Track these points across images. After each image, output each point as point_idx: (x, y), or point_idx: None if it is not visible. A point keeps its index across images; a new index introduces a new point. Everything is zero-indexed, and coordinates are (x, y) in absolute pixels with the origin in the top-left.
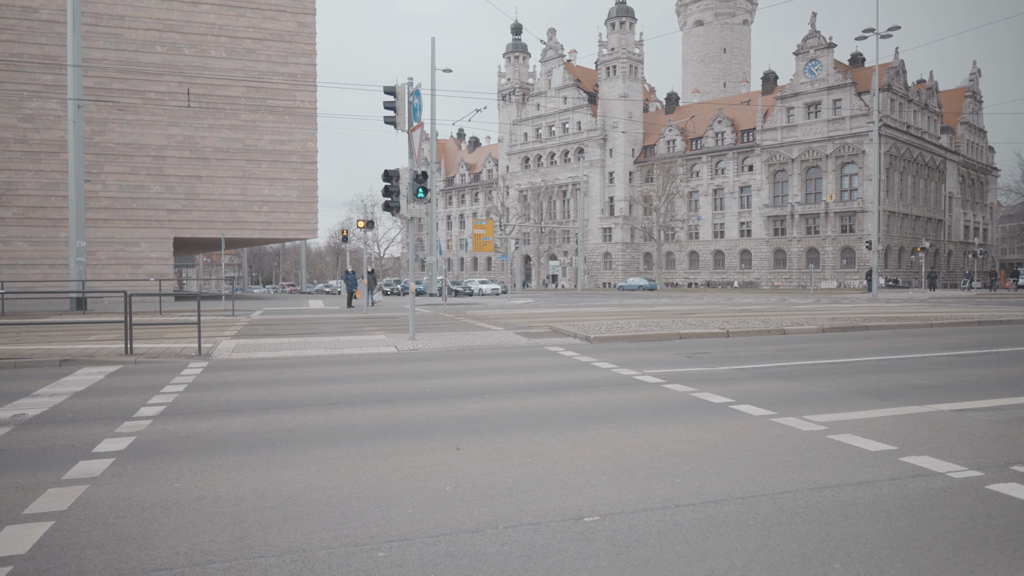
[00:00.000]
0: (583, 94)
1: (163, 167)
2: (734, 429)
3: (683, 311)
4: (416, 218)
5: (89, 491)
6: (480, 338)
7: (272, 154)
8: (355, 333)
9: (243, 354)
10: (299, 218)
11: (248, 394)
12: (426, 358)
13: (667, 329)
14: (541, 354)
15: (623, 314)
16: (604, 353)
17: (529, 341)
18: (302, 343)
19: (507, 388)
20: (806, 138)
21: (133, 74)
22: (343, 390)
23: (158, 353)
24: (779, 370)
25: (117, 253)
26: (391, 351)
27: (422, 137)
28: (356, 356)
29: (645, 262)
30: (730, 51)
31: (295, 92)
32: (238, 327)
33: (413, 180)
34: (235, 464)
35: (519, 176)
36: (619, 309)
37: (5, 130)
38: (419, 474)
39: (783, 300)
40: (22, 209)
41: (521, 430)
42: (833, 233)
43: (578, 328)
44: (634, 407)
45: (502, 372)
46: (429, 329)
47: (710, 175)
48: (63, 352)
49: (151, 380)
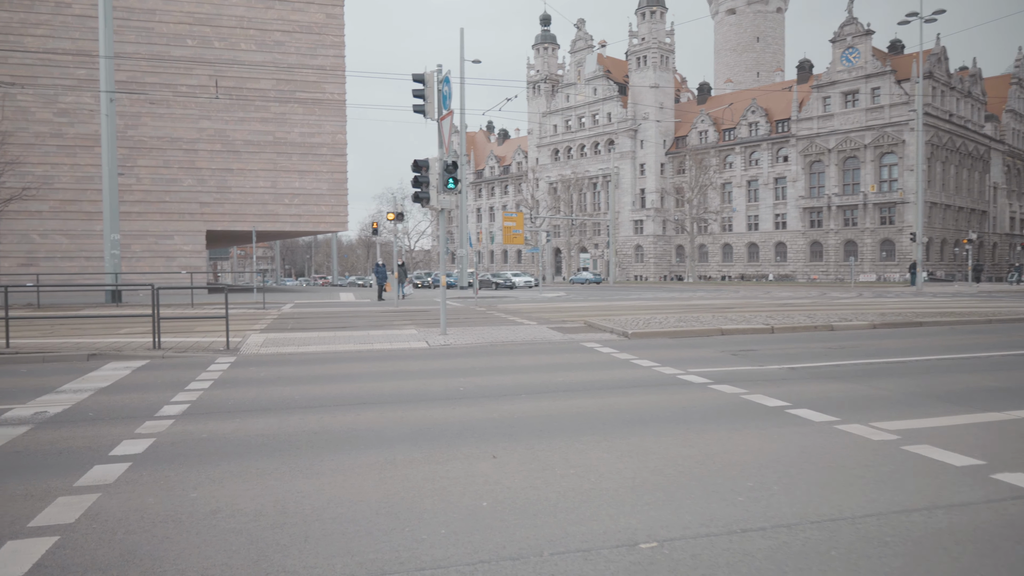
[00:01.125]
0: (613, 85)
1: (195, 160)
2: (795, 437)
3: (721, 305)
4: (446, 209)
5: (100, 501)
6: (513, 333)
7: (302, 147)
8: (385, 327)
9: (271, 349)
10: (329, 211)
11: (274, 392)
12: (458, 354)
13: (708, 325)
14: (577, 351)
15: (659, 308)
16: (644, 350)
17: (564, 337)
18: (331, 338)
19: (544, 388)
20: (843, 128)
21: (164, 68)
22: (372, 388)
23: (186, 348)
24: (833, 370)
25: (151, 246)
26: (422, 347)
27: (452, 125)
28: (386, 352)
29: (677, 255)
30: (763, 40)
31: (324, 84)
32: (268, 320)
33: (443, 170)
34: (256, 471)
35: (549, 168)
36: (654, 303)
37: (41, 124)
38: (452, 487)
39: (823, 294)
40: (58, 203)
41: (561, 436)
42: (872, 225)
43: (614, 323)
44: (681, 410)
45: (538, 370)
46: (460, 323)
47: (744, 166)
48: (92, 346)
49: (177, 376)
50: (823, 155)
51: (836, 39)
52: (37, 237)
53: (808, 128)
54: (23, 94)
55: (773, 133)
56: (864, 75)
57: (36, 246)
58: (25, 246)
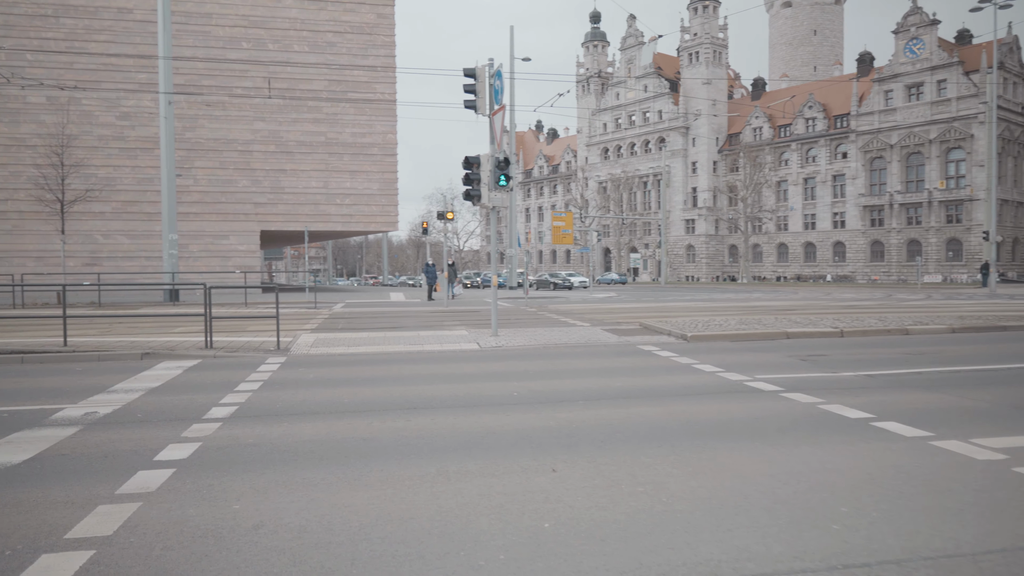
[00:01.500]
0: (664, 82)
1: (249, 161)
2: (886, 455)
3: (782, 307)
4: (497, 207)
5: (141, 511)
6: (566, 335)
7: (353, 147)
8: (436, 328)
9: (321, 349)
10: (380, 210)
11: (323, 395)
12: (511, 356)
13: (772, 327)
14: (635, 354)
15: (717, 310)
16: (705, 354)
17: (620, 339)
18: (382, 338)
19: (602, 393)
20: (906, 122)
21: (220, 70)
22: (423, 392)
23: (237, 347)
24: (916, 378)
25: (208, 246)
26: (473, 348)
27: (503, 121)
28: (437, 353)
29: (730, 255)
30: (821, 33)
31: (375, 84)
32: (319, 320)
33: (495, 167)
34: (302, 481)
35: (598, 167)
36: (710, 304)
37: (104, 128)
38: (510, 504)
39: (889, 295)
40: (120, 204)
41: (625, 447)
42: (937, 223)
43: (672, 325)
44: (754, 421)
45: (595, 374)
46: (511, 324)
47: (800, 163)
48: (146, 345)
49: (227, 376)
50: (885, 151)
51: (899, 30)
52: (100, 237)
53: (869, 123)
54: (87, 98)
55: (831, 129)
56: (929, 67)
57: (99, 246)
58: (89, 246)
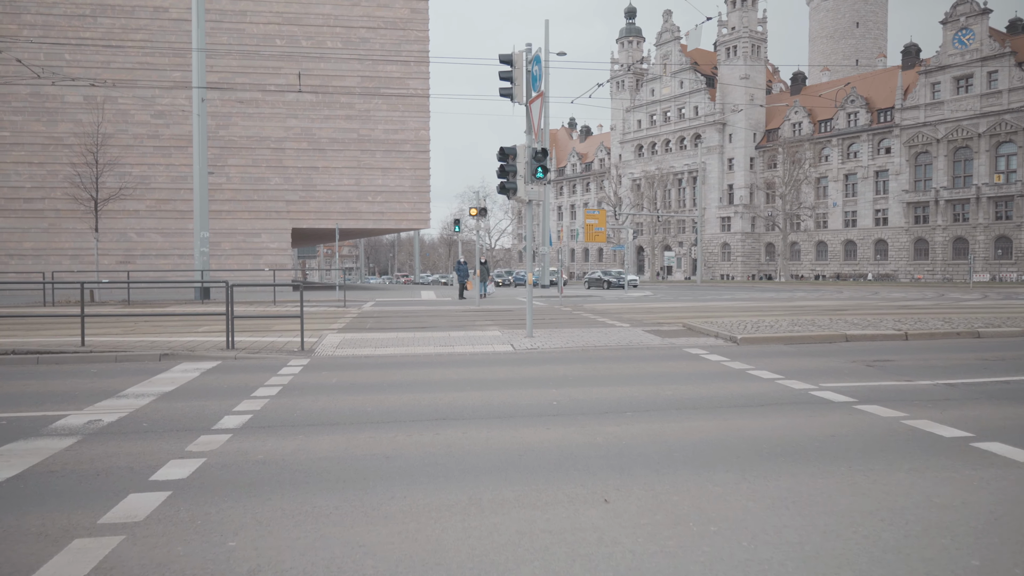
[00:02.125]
0: (700, 77)
1: (282, 159)
2: (1007, 486)
3: (831, 307)
4: (534, 201)
5: (121, 548)
6: (605, 336)
7: (385, 143)
8: (467, 328)
9: (347, 350)
10: (412, 208)
11: (345, 402)
12: (547, 360)
13: (828, 329)
14: (682, 358)
15: (762, 310)
16: (758, 358)
17: (663, 341)
18: (411, 339)
19: (651, 403)
20: (954, 115)
21: (254, 68)
22: (453, 400)
23: (260, 348)
24: (1004, 388)
25: (240, 244)
26: (507, 350)
27: (541, 110)
28: (468, 356)
29: (767, 253)
30: (863, 25)
31: (408, 80)
32: (347, 319)
33: (531, 158)
34: (312, 511)
35: (632, 165)
36: (753, 304)
37: (139, 126)
38: (557, 546)
39: (942, 295)
40: (154, 202)
41: (685, 471)
42: (985, 221)
43: (718, 326)
44: (831, 439)
45: (640, 381)
46: (546, 325)
47: (841, 159)
48: (166, 345)
49: (245, 380)
50: (930, 146)
51: (947, 20)
52: (134, 235)
53: (914, 117)
54: (123, 97)
55: (874, 123)
56: (979, 58)
57: (133, 244)
58: (123, 244)
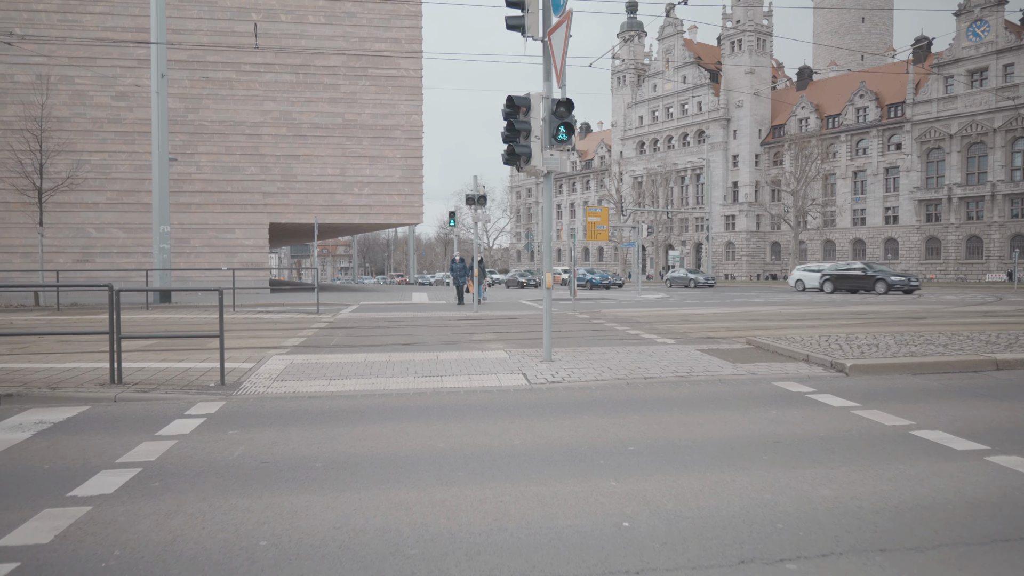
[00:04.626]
0: (704, 72)
1: (258, 146)
2: None
3: (896, 313)
4: (554, 172)
5: None
6: (652, 359)
7: (373, 129)
8: (462, 345)
9: (287, 385)
10: (403, 201)
11: (239, 509)
12: (581, 404)
13: (962, 350)
14: (782, 400)
15: (819, 317)
16: (895, 401)
17: (736, 369)
18: (383, 364)
19: (803, 520)
20: (968, 110)
21: (227, 45)
22: (431, 507)
23: (161, 381)
24: None
25: (211, 240)
26: (518, 384)
27: (567, 41)
28: (462, 395)
29: (772, 252)
30: (869, 20)
31: (398, 60)
32: (311, 332)
33: (552, 112)
34: None
35: (633, 162)
36: (796, 309)
37: (99, 109)
38: None
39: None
40: (116, 194)
41: None
42: (1001, 218)
43: (803, 345)
44: None
45: (751, 454)
46: (565, 340)
47: (849, 155)
48: (21, 378)
49: (94, 449)
50: (943, 141)
51: (961, 11)
52: (93, 231)
53: (926, 112)
54: (81, 77)
55: (884, 119)
56: (994, 50)
57: (92, 240)
58: (81, 240)
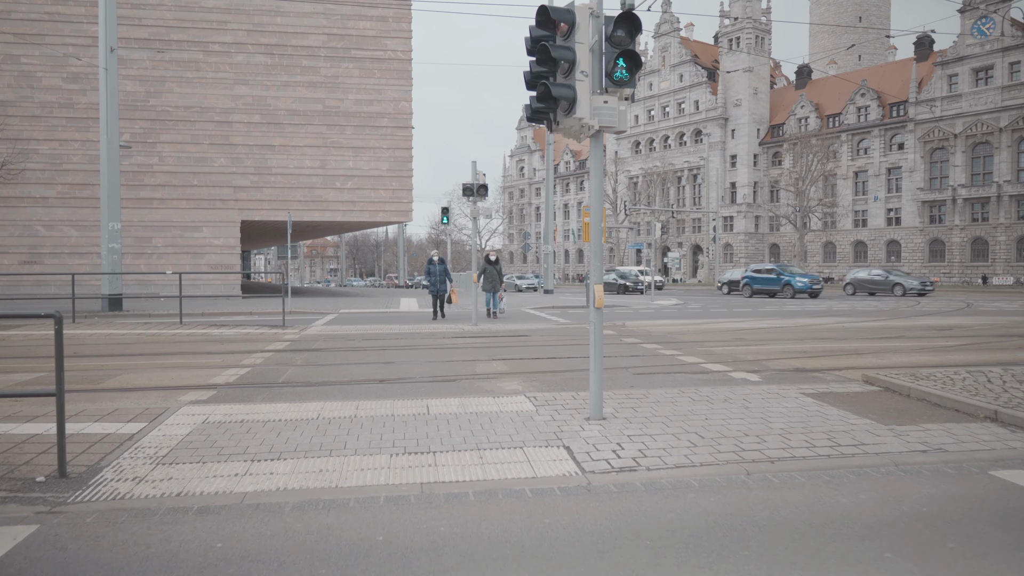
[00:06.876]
0: (701, 70)
1: (229, 135)
2: None
3: (981, 324)
4: (608, 130)
5: None
6: (746, 413)
7: (358, 117)
8: (463, 382)
9: (174, 477)
10: (390, 196)
11: None
12: (693, 540)
13: None
14: None
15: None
16: None
17: (900, 440)
18: (346, 422)
19: None
20: (973, 109)
21: (194, 21)
22: None
23: None
24: None
25: (175, 240)
26: (564, 474)
27: None
28: (472, 505)
29: (771, 254)
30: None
31: (385, 40)
32: (263, 355)
33: (606, 38)
34: None
35: (629, 162)
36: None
37: (48, 92)
38: None
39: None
40: (68, 187)
41: None
42: (1007, 220)
43: (977, 394)
44: None
45: None
46: (614, 379)
47: (850, 155)
48: None
49: None
50: (947, 141)
51: (966, 8)
52: (42, 228)
53: (929, 111)
54: (28, 56)
55: (886, 118)
56: (1000, 48)
57: (41, 239)
58: (28, 239)
